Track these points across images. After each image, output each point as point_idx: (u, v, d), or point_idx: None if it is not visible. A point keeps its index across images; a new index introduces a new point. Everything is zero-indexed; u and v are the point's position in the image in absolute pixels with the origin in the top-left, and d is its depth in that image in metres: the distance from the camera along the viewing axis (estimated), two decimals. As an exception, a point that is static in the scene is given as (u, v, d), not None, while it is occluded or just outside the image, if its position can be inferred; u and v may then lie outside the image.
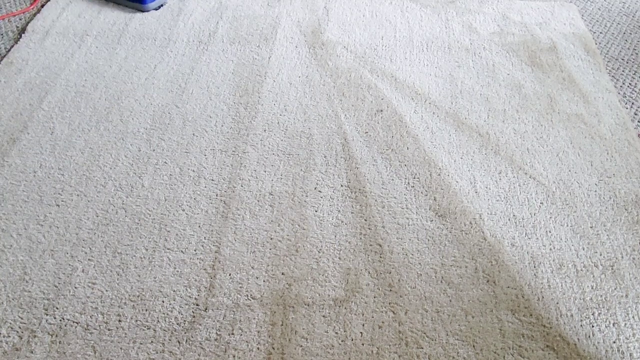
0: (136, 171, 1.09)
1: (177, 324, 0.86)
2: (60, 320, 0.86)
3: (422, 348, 0.84)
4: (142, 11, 1.51)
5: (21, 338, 0.83)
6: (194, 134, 1.18)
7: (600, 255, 0.98)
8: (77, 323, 0.85)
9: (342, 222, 1.02)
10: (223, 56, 1.39)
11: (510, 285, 0.93)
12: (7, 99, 1.25)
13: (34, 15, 1.53)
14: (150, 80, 1.31)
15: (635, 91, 1.35)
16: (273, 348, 0.84)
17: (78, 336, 0.84)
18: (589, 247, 0.99)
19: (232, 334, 0.85)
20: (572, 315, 0.89)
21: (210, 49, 1.41)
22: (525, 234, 1.01)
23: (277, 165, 1.12)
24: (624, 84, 1.37)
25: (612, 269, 0.96)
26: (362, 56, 1.41)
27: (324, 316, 0.88)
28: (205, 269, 0.93)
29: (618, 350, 0.85)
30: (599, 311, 0.90)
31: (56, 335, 0.84)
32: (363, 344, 0.84)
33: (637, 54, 1.47)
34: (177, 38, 1.45)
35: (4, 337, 0.83)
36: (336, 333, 0.86)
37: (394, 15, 1.56)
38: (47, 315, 0.86)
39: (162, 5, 1.51)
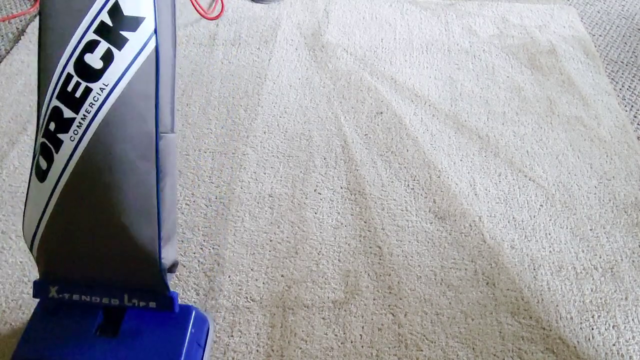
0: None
1: (177, 326, 0.86)
2: (59, 322, 0.85)
3: (422, 350, 0.84)
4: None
5: (20, 340, 0.83)
6: (193, 136, 1.18)
7: (600, 257, 0.98)
8: (76, 325, 0.85)
9: (342, 224, 1.02)
10: (223, 58, 1.40)
11: (510, 287, 0.93)
12: (7, 101, 1.25)
13: (34, 16, 1.53)
14: (150, 82, 1.31)
15: (635, 94, 1.35)
16: (272, 350, 0.83)
17: (77, 338, 0.84)
18: (588, 249, 0.99)
19: (232, 336, 0.85)
20: (571, 318, 0.89)
21: (211, 51, 1.41)
22: (525, 236, 1.01)
23: (277, 167, 1.12)
24: (623, 86, 1.37)
25: (611, 271, 0.96)
26: (362, 58, 1.41)
27: (323, 318, 0.88)
28: (204, 272, 0.93)
29: (618, 353, 0.85)
30: (599, 314, 0.89)
31: (55, 337, 0.83)
32: (362, 347, 0.84)
33: (636, 56, 1.47)
34: (177, 40, 1.45)
35: (3, 338, 0.83)
36: (335, 335, 0.85)
37: (394, 18, 1.57)
38: (46, 317, 0.86)
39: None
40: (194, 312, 0.75)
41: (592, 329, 0.88)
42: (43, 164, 0.63)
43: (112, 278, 0.69)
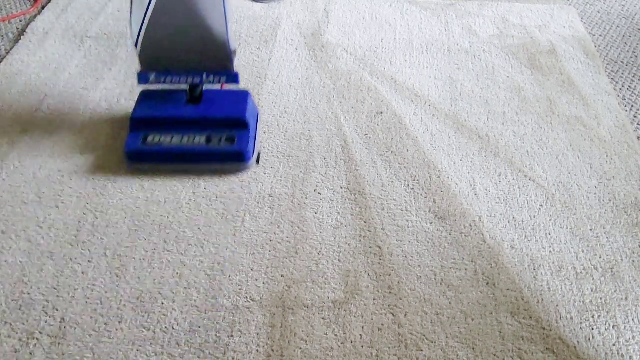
0: (136, 173, 1.09)
1: (177, 325, 0.86)
2: (60, 322, 0.85)
3: (422, 351, 0.84)
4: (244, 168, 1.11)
5: (20, 340, 0.83)
6: (193, 136, 1.18)
7: (600, 257, 0.98)
8: (76, 325, 0.85)
9: (342, 224, 1.02)
10: (223, 58, 1.39)
11: (510, 287, 0.93)
12: (7, 101, 1.25)
13: (34, 17, 1.53)
14: (150, 82, 1.31)
15: (635, 94, 1.35)
16: (272, 350, 0.83)
17: (77, 338, 0.84)
18: (588, 249, 0.99)
19: (232, 336, 0.85)
20: (571, 318, 0.89)
21: (210, 51, 1.41)
22: (525, 236, 1.01)
23: (277, 167, 1.12)
24: (623, 86, 1.37)
25: (611, 271, 0.96)
26: (362, 58, 1.41)
27: (323, 318, 0.88)
28: (204, 271, 0.93)
29: (618, 353, 0.85)
30: (599, 314, 0.90)
31: (55, 337, 0.84)
32: (362, 347, 0.84)
33: (636, 56, 1.47)
34: None
35: (3, 339, 0.83)
36: (335, 335, 0.85)
37: (394, 18, 1.57)
38: (46, 317, 0.86)
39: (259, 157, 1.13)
40: (250, 94, 1.14)
41: (592, 329, 0.88)
42: None
43: (195, 64, 1.04)
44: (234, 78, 1.06)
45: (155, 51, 1.03)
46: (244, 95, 1.13)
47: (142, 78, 1.05)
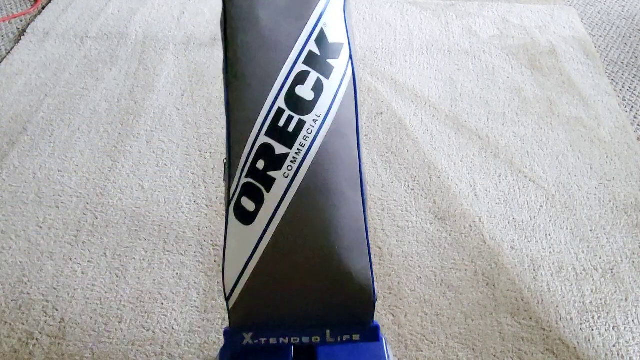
0: (136, 173, 1.09)
1: (177, 325, 0.86)
2: (60, 322, 0.85)
3: (422, 351, 0.84)
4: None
5: (20, 340, 0.83)
6: (194, 137, 1.18)
7: (600, 258, 0.98)
8: (76, 325, 0.85)
9: (342, 224, 1.01)
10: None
11: (510, 288, 0.93)
12: (7, 101, 1.25)
13: (35, 17, 1.53)
14: (151, 83, 1.31)
15: (635, 94, 1.35)
16: (272, 351, 0.83)
17: (77, 338, 0.84)
18: (588, 250, 0.99)
19: (232, 336, 0.85)
20: (571, 319, 0.89)
21: (213, 51, 1.41)
22: (525, 237, 1.01)
23: (277, 167, 1.12)
24: (623, 87, 1.37)
25: (611, 272, 0.96)
26: (362, 59, 1.41)
27: (323, 319, 0.87)
28: (204, 272, 0.93)
29: (618, 354, 0.85)
30: (599, 315, 0.89)
31: (55, 337, 0.83)
32: (362, 347, 0.84)
33: (636, 57, 1.47)
34: (179, 40, 1.45)
35: (3, 339, 0.83)
36: (336, 336, 0.85)
37: (394, 19, 1.57)
38: (46, 317, 0.86)
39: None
40: (384, 341, 0.70)
41: (592, 330, 0.88)
42: (249, 206, 0.61)
43: (317, 316, 0.65)
44: (372, 335, 0.66)
45: (264, 302, 0.65)
46: (378, 351, 0.70)
47: (234, 340, 0.66)
